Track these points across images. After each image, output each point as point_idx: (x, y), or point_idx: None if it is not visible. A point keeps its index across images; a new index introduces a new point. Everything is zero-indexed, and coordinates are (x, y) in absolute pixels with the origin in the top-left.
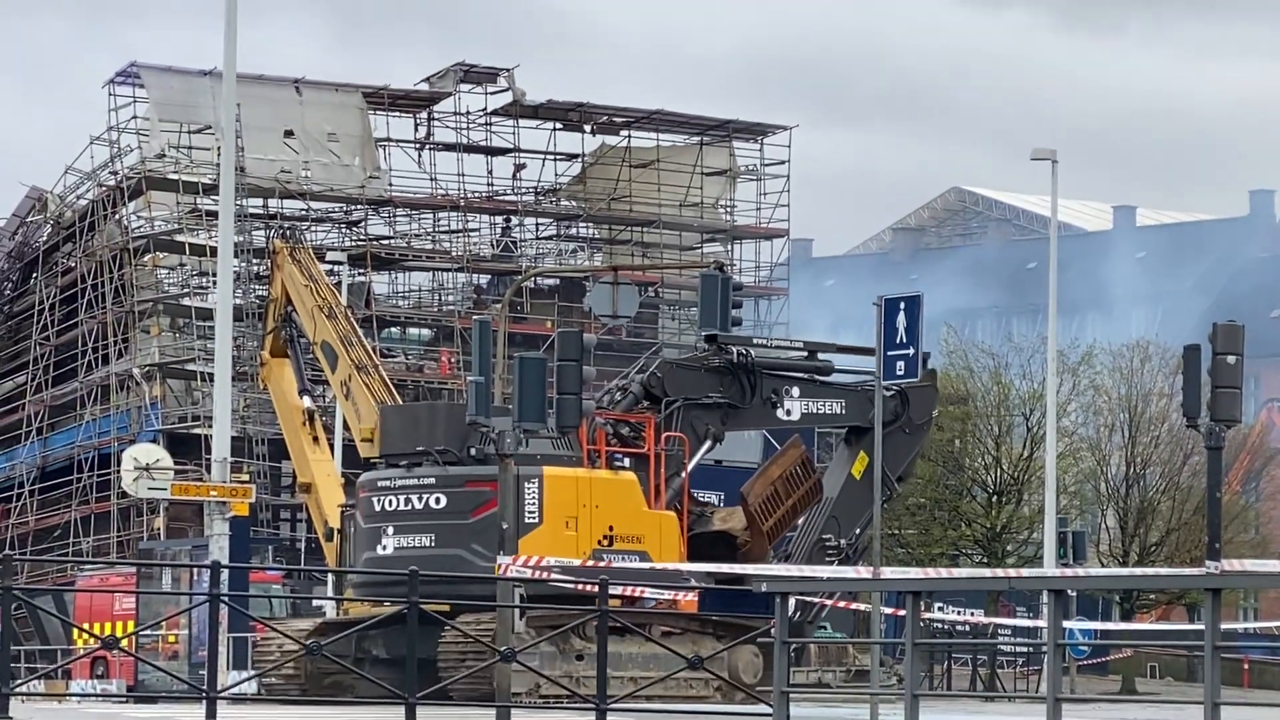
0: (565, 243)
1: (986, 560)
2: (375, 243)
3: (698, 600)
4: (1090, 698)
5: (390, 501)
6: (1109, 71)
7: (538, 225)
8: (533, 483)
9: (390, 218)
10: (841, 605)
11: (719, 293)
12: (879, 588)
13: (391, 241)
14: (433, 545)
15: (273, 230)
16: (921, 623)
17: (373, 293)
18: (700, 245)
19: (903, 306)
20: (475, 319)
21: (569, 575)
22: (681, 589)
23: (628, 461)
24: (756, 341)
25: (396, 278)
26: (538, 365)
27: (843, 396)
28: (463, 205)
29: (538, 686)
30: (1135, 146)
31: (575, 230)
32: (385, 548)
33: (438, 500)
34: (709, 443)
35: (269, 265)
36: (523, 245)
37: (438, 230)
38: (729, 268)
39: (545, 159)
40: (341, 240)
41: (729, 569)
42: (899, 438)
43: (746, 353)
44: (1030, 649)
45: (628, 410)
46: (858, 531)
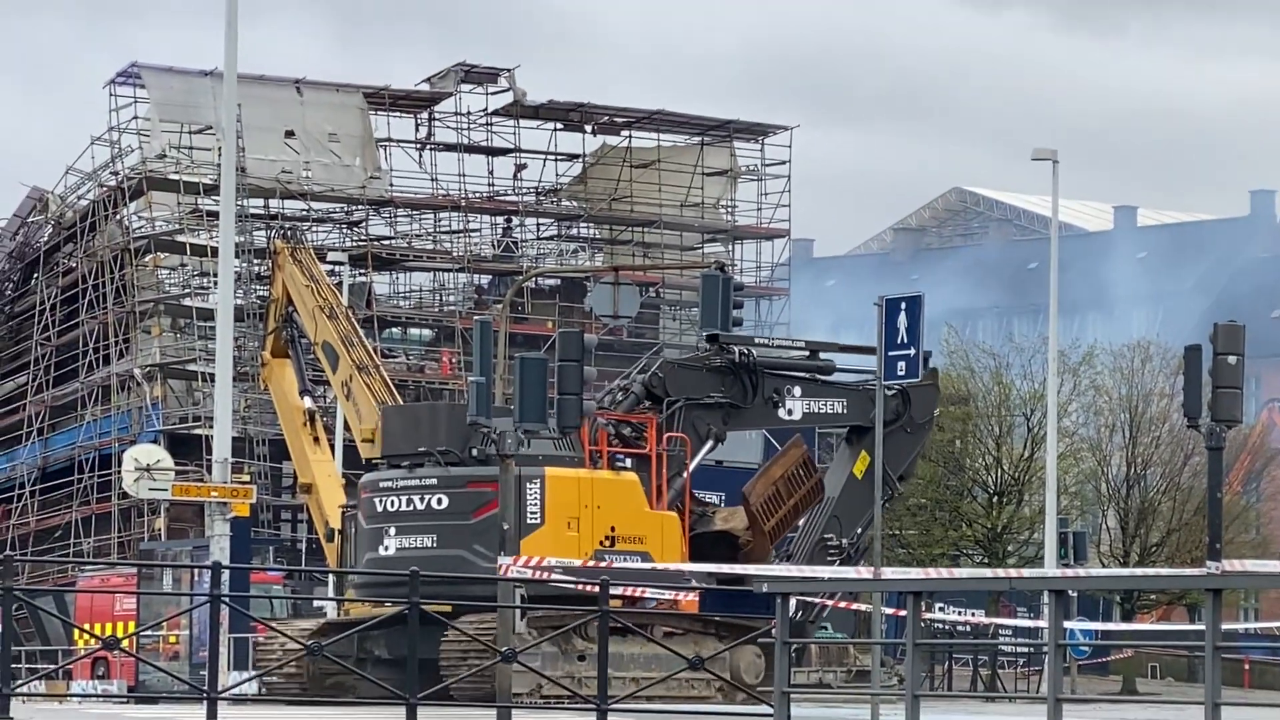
0: (566, 243)
1: (987, 561)
2: (376, 243)
3: (698, 600)
4: (1091, 698)
5: (392, 502)
6: (1109, 71)
7: (539, 225)
8: (534, 483)
9: (391, 218)
10: (842, 605)
11: (720, 293)
12: (880, 588)
13: (392, 242)
14: (434, 546)
15: (274, 231)
16: (922, 623)
17: (374, 293)
18: (701, 245)
19: (904, 307)
20: (476, 319)
21: (570, 576)
22: (682, 589)
23: (629, 462)
24: (758, 341)
25: (397, 278)
26: (539, 365)
27: (844, 396)
28: (463, 205)
29: (539, 687)
30: (1136, 146)
31: (576, 230)
32: (387, 548)
33: (439, 501)
34: (711, 443)
35: (270, 266)
36: (524, 245)
37: (438, 230)
38: (730, 268)
39: (546, 159)
40: (342, 240)
41: (730, 569)
42: (900, 437)
43: (748, 352)
44: (1031, 649)
45: (629, 410)
46: (859, 531)
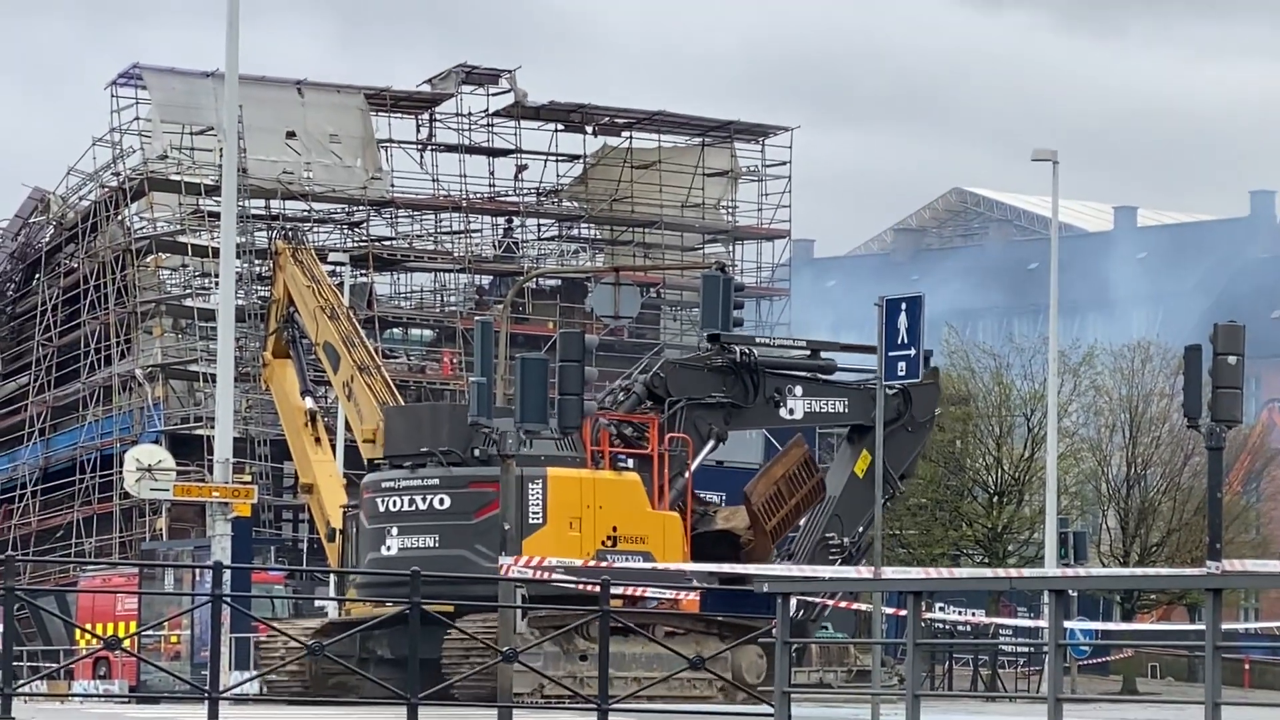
0: (567, 243)
1: (988, 560)
2: (377, 244)
3: (699, 600)
4: (1091, 698)
5: (394, 502)
6: (1109, 72)
7: (539, 226)
8: (537, 483)
9: (392, 219)
10: (843, 605)
11: (720, 293)
12: (880, 588)
13: (393, 242)
14: (437, 546)
15: (275, 231)
16: (923, 623)
17: (375, 293)
18: (702, 246)
19: (904, 307)
20: (477, 320)
21: (570, 576)
22: (683, 589)
23: (631, 462)
24: (759, 341)
25: (398, 278)
26: (539, 366)
27: (845, 395)
28: (464, 206)
29: (541, 687)
30: (1136, 147)
31: (577, 231)
32: (389, 548)
33: (442, 501)
34: (712, 442)
35: (271, 266)
36: (524, 246)
37: (440, 231)
38: (730, 268)
39: (547, 160)
40: (343, 241)
41: (732, 569)
42: (902, 436)
43: (749, 352)
44: (1031, 649)
45: (630, 410)
46: (861, 530)
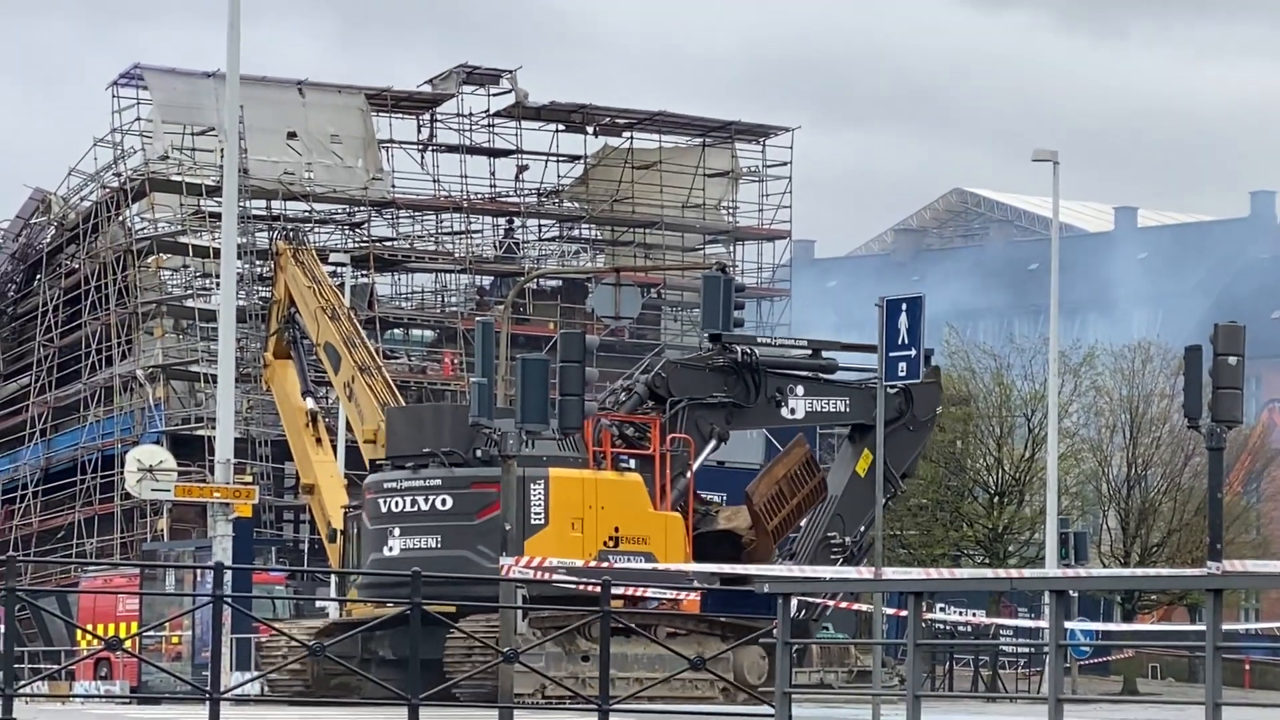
0: (568, 244)
1: (988, 561)
2: (378, 244)
3: (700, 601)
4: (1092, 698)
5: (396, 503)
6: (1110, 72)
7: (540, 227)
8: (539, 484)
9: (393, 219)
10: (844, 606)
11: (721, 294)
12: (881, 588)
13: (394, 243)
14: (439, 546)
15: (276, 232)
16: (923, 623)
17: (375, 294)
18: (702, 247)
19: (904, 308)
20: (478, 320)
21: (571, 576)
22: (683, 590)
23: (633, 463)
24: (760, 340)
25: (399, 279)
26: (540, 366)
27: (847, 394)
28: (465, 207)
29: (543, 687)
30: (1136, 147)
31: (578, 232)
32: (391, 549)
33: (444, 502)
34: (714, 442)
35: (272, 267)
36: (525, 247)
37: (440, 232)
38: (731, 269)
39: (548, 160)
40: (344, 242)
41: (733, 570)
42: (903, 435)
43: (751, 351)
44: (1032, 649)
45: (632, 411)
46: (862, 529)
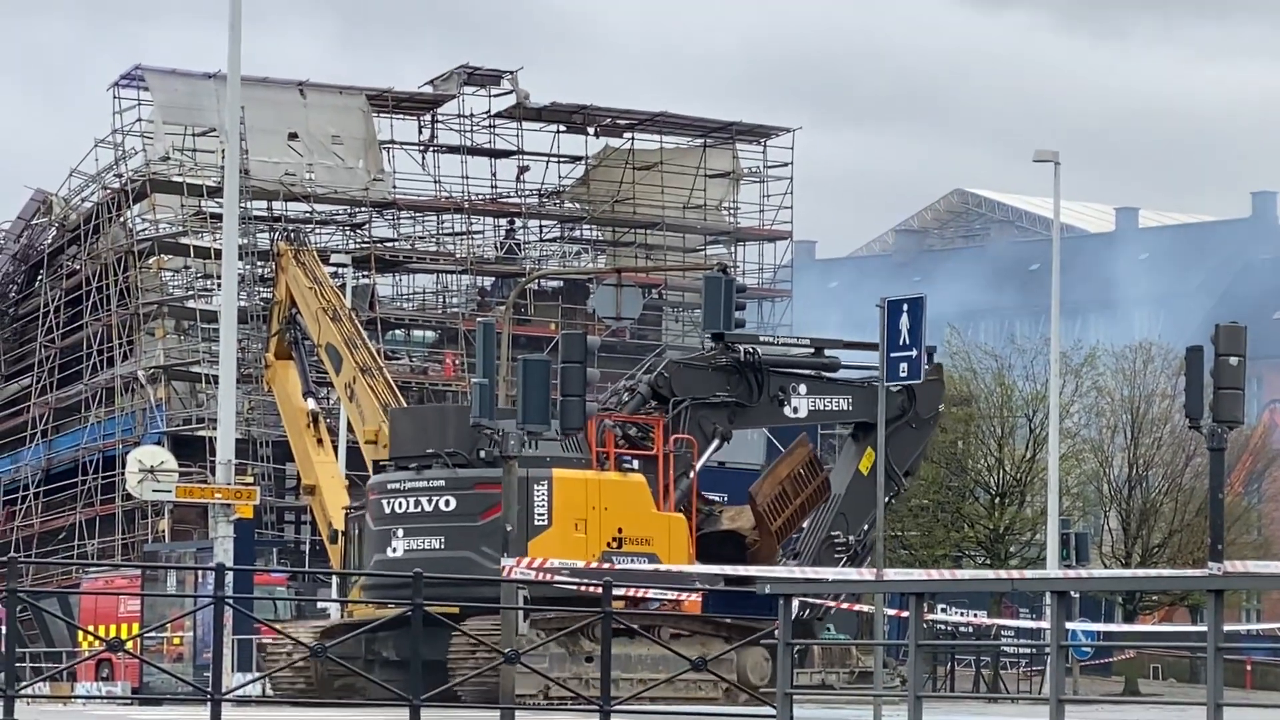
0: (569, 245)
1: (989, 562)
2: (379, 245)
3: (701, 601)
4: (1093, 699)
5: (400, 504)
6: (1110, 72)
7: (541, 227)
8: (542, 485)
9: (394, 220)
10: (845, 607)
11: (722, 294)
12: (882, 589)
13: (395, 244)
14: (442, 547)
15: (277, 233)
16: (925, 624)
17: (377, 295)
18: (704, 247)
19: (906, 308)
20: (479, 321)
21: (572, 577)
22: (685, 590)
23: (636, 463)
24: (763, 339)
25: (400, 280)
26: (541, 367)
27: (849, 393)
28: (466, 208)
29: (547, 688)
30: (1136, 147)
31: (579, 232)
32: (395, 550)
33: (447, 503)
34: (717, 442)
35: (273, 268)
36: (526, 247)
37: (442, 232)
38: (732, 270)
39: (549, 161)
40: (346, 243)
41: (735, 570)
42: (906, 432)
43: (753, 350)
44: (1033, 650)
45: (635, 411)
46: (866, 528)
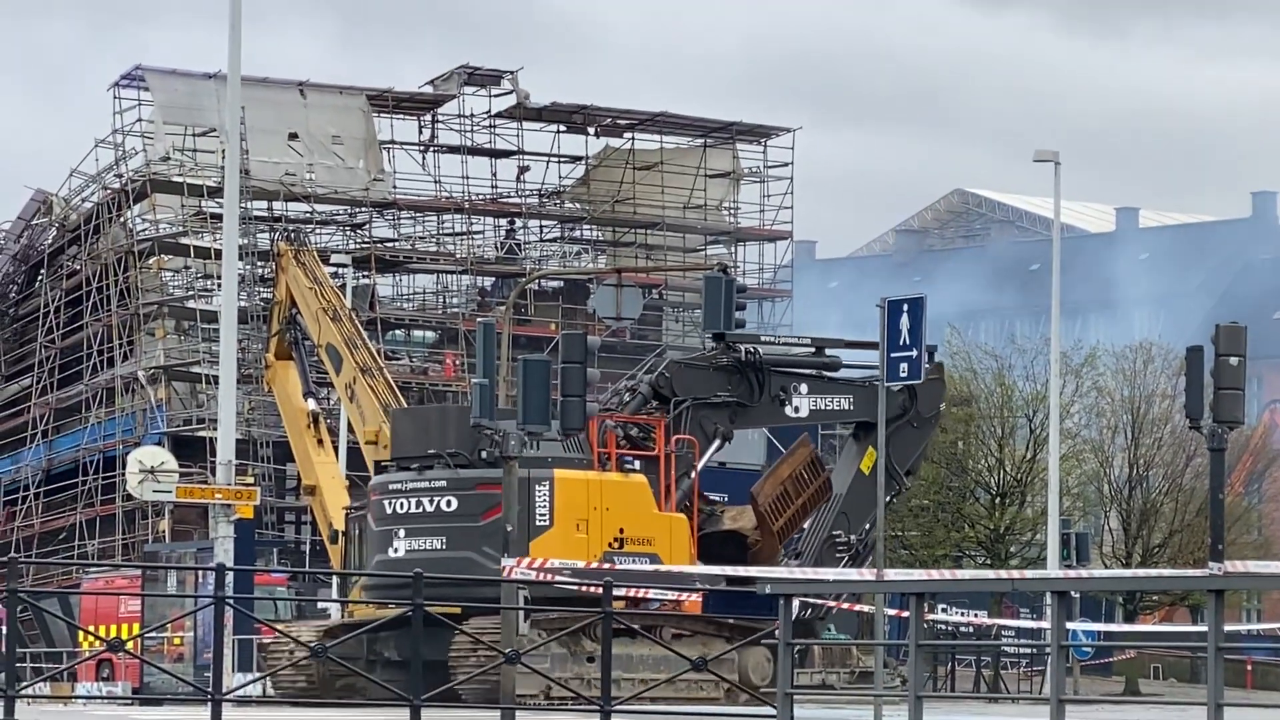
0: (569, 245)
1: (990, 562)
2: (379, 245)
3: (701, 602)
4: (1094, 699)
5: (402, 504)
6: (1110, 72)
7: (541, 228)
8: (544, 485)
9: (394, 220)
10: (845, 607)
11: (722, 295)
12: (882, 589)
13: (396, 244)
14: (444, 548)
15: (277, 233)
16: (925, 624)
17: (377, 295)
18: (704, 247)
19: (906, 308)
20: (479, 321)
21: (573, 578)
22: (685, 590)
23: (638, 464)
24: (764, 339)
25: (401, 280)
26: (542, 367)
27: (851, 392)
28: (467, 208)
29: (548, 689)
30: (1136, 147)
31: (579, 232)
32: (396, 550)
33: (449, 503)
34: (718, 442)
35: (274, 268)
36: (527, 248)
37: (442, 233)
38: (732, 270)
39: (549, 161)
40: (346, 243)
41: (736, 571)
42: (907, 432)
43: (754, 350)
44: (1034, 650)
45: (636, 411)
46: (867, 527)
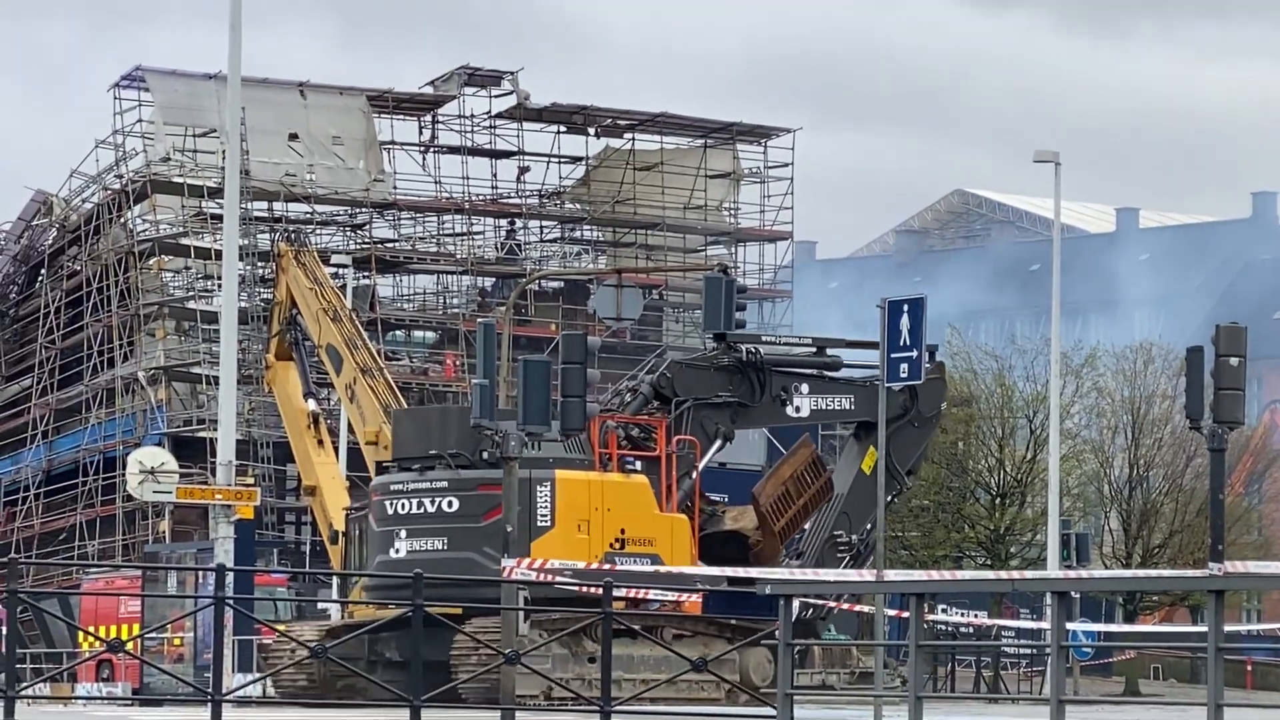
0: (569, 245)
1: (990, 562)
2: (380, 246)
3: (701, 602)
4: (1094, 699)
5: (403, 505)
6: (1110, 72)
7: (542, 228)
8: (545, 486)
9: (395, 221)
10: (845, 607)
11: (723, 295)
12: (883, 590)
13: (396, 244)
14: (445, 548)
15: (278, 233)
16: (925, 625)
17: (377, 296)
18: (704, 248)
19: (906, 309)
20: (480, 322)
21: (572, 578)
22: (685, 591)
23: (639, 464)
24: (764, 339)
25: (401, 281)
26: (542, 368)
27: (852, 392)
28: (467, 208)
29: (549, 689)
30: (1136, 147)
31: (579, 233)
32: (398, 551)
33: (450, 504)
34: (719, 442)
35: (274, 268)
36: (527, 248)
37: (442, 233)
38: (732, 270)
39: (549, 162)
40: (346, 243)
41: (736, 572)
42: (908, 431)
43: (755, 350)
44: (1034, 651)
45: (637, 412)
46: (869, 527)
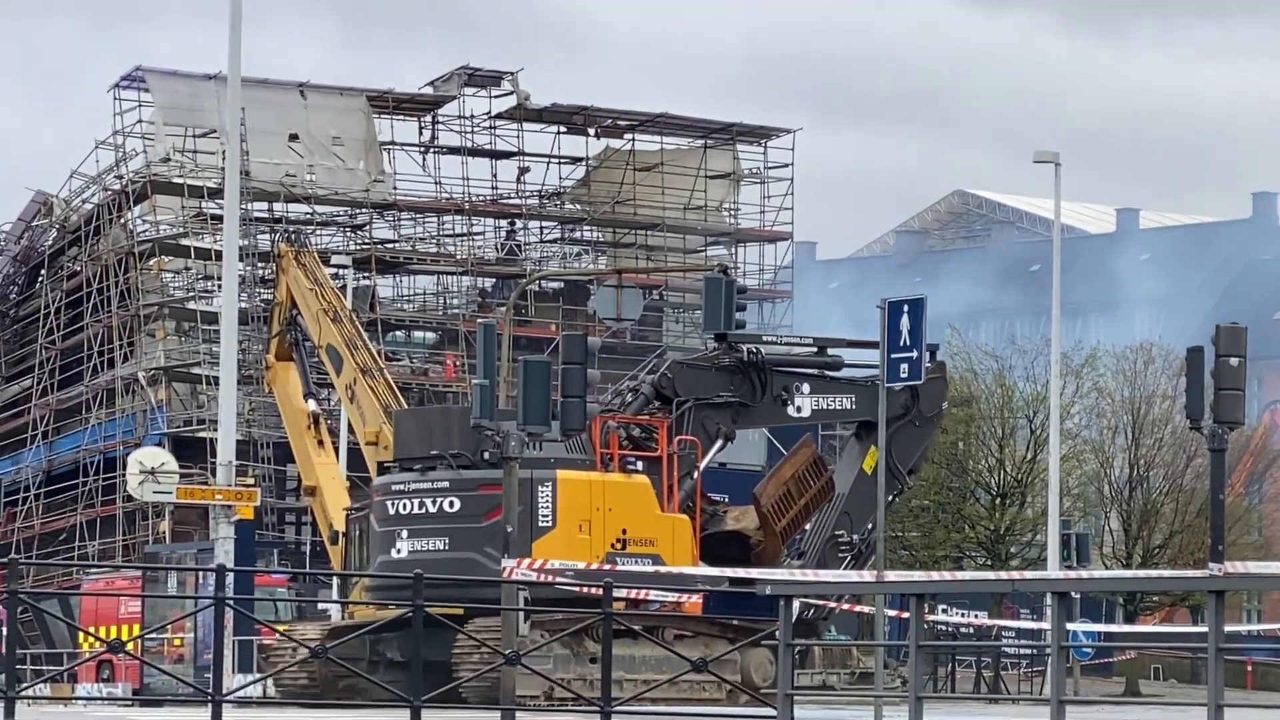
0: (569, 246)
1: (990, 563)
2: (380, 246)
3: (702, 602)
4: (1094, 700)
5: (404, 505)
6: (1110, 72)
7: (542, 229)
8: (546, 486)
9: (395, 221)
10: (846, 608)
11: (723, 295)
12: (883, 590)
13: (396, 245)
14: (446, 549)
15: (278, 234)
16: (925, 625)
17: (377, 296)
18: (704, 248)
19: (906, 309)
20: (480, 322)
21: (573, 578)
22: (686, 591)
23: (640, 464)
24: (766, 338)
25: (401, 281)
26: (542, 368)
27: (853, 392)
28: (467, 209)
29: (550, 689)
30: (1136, 148)
31: (579, 234)
32: (399, 551)
33: (451, 504)
34: (720, 442)
35: (274, 269)
36: (527, 249)
37: (442, 234)
38: (733, 270)
39: (549, 162)
40: (346, 244)
41: (737, 573)
42: (909, 430)
43: (756, 350)
44: (1034, 651)
45: (638, 412)
46: (870, 527)
